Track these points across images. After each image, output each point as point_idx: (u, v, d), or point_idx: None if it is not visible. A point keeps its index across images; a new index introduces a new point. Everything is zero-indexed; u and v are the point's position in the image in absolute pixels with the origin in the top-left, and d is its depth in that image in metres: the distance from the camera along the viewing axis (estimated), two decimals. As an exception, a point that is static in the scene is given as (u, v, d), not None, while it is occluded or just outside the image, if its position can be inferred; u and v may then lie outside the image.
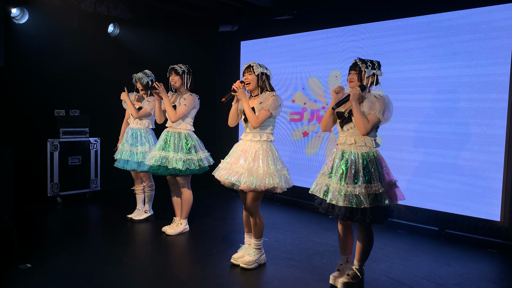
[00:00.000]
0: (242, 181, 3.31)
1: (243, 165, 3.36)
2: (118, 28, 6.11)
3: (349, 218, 2.94)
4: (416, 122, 4.78)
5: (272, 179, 3.32)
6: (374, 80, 3.02)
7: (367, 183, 2.89)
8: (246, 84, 3.46)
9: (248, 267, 3.49)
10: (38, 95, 5.62)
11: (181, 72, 4.23)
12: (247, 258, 3.52)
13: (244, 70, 3.48)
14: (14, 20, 5.28)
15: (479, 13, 4.32)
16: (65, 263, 3.54)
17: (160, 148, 4.21)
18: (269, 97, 3.39)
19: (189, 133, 4.29)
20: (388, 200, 2.91)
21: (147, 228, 4.63)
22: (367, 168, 2.93)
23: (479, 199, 4.35)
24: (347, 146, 3.01)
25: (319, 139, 5.68)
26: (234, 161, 3.44)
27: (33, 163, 5.56)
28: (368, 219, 2.90)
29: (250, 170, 3.33)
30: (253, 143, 3.44)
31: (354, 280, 3.10)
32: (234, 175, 3.37)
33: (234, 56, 6.87)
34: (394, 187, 3.02)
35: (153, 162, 4.19)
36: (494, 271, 3.78)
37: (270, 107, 3.35)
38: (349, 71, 3.05)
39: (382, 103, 2.93)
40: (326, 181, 3.03)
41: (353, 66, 3.04)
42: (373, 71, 3.00)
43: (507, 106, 4.16)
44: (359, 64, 3.00)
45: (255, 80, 3.44)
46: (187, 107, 4.16)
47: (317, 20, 5.71)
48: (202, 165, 4.25)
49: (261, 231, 3.53)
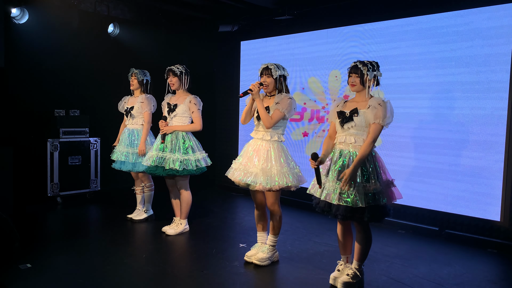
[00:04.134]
0: (257, 182, 3.36)
1: (257, 165, 3.40)
2: (118, 28, 6.11)
3: (349, 217, 2.94)
4: (416, 128, 4.79)
5: (285, 178, 3.37)
6: (375, 81, 3.02)
7: (365, 182, 2.90)
8: (265, 86, 3.47)
9: (261, 264, 3.54)
10: (38, 95, 5.62)
11: (179, 73, 4.24)
12: (260, 255, 3.56)
13: (262, 71, 3.49)
14: (14, 20, 5.28)
15: (479, 19, 4.31)
16: (65, 263, 3.54)
17: (158, 149, 4.22)
18: (285, 98, 3.41)
19: (187, 133, 4.29)
20: (386, 199, 2.92)
21: (147, 228, 4.63)
22: (365, 167, 2.93)
23: (479, 199, 4.35)
24: (346, 146, 3.01)
25: (319, 139, 5.67)
26: (247, 161, 3.47)
27: (33, 163, 5.56)
28: (366, 217, 2.90)
29: (264, 170, 3.37)
30: (264, 142, 3.47)
31: (354, 280, 3.10)
32: (248, 176, 3.41)
33: (234, 56, 6.86)
34: (391, 186, 3.03)
35: (151, 163, 4.19)
36: (494, 271, 3.78)
37: (285, 109, 3.38)
38: (350, 74, 3.03)
39: (385, 109, 2.92)
40: (323, 180, 3.03)
41: (354, 69, 3.00)
42: (374, 72, 2.99)
43: (507, 106, 4.16)
44: (360, 67, 2.98)
45: (273, 83, 3.47)
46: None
47: (317, 20, 5.71)
48: (199, 165, 4.23)
49: (279, 228, 3.61)
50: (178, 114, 4.24)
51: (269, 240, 3.62)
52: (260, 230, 3.71)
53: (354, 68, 3.01)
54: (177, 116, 4.24)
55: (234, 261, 3.68)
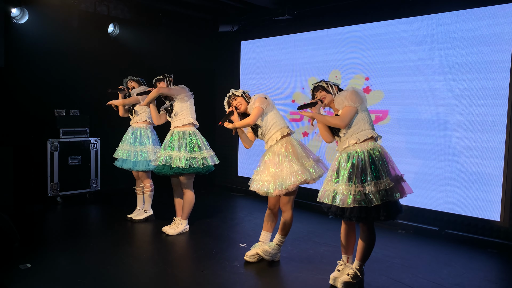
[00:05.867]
0: (272, 189, 3.40)
1: (271, 172, 3.45)
2: (118, 28, 6.11)
3: (364, 218, 2.93)
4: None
5: (298, 176, 3.38)
6: (337, 89, 3.22)
7: (376, 180, 2.89)
8: (238, 110, 3.64)
9: (265, 256, 3.59)
10: (38, 95, 5.61)
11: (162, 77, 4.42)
12: (266, 247, 3.60)
13: (228, 100, 3.69)
14: (14, 20, 5.28)
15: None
16: (65, 263, 3.54)
17: (165, 148, 4.23)
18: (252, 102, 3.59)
19: (194, 131, 4.31)
20: (398, 194, 2.92)
21: (147, 228, 4.63)
22: (374, 164, 2.92)
23: (479, 199, 4.35)
24: (351, 148, 3.01)
25: (319, 139, 5.67)
26: (262, 170, 3.53)
27: (33, 163, 5.56)
28: (383, 216, 2.90)
29: (275, 176, 3.41)
30: (274, 147, 3.52)
31: (354, 280, 3.10)
32: (264, 185, 3.46)
33: (234, 56, 6.87)
34: (401, 181, 3.02)
35: (159, 163, 4.21)
36: (494, 271, 3.78)
37: (258, 104, 3.50)
38: (315, 93, 3.25)
39: (350, 94, 3.03)
40: (333, 186, 3.01)
41: (315, 89, 3.26)
42: (332, 82, 3.23)
43: (507, 107, 4.17)
44: (324, 86, 3.21)
45: (243, 100, 3.65)
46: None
47: (317, 20, 5.71)
48: (206, 164, 4.22)
49: (288, 230, 3.62)
50: (178, 112, 4.26)
51: (277, 239, 3.64)
52: (266, 230, 3.71)
53: (315, 88, 3.26)
54: (178, 114, 4.27)
55: (234, 261, 3.68)
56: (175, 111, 4.26)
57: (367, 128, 3.01)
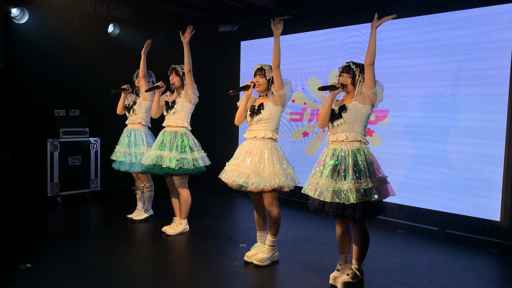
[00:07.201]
0: (249, 183, 3.36)
1: (249, 166, 3.40)
2: (118, 28, 6.11)
3: (340, 214, 2.96)
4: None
5: (278, 179, 3.36)
6: (363, 84, 3.09)
7: (357, 179, 2.91)
8: (257, 86, 3.51)
9: (262, 264, 3.53)
10: (38, 95, 5.62)
11: (181, 74, 4.25)
12: (260, 256, 3.56)
13: (256, 72, 3.53)
14: (14, 20, 5.28)
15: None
16: (65, 263, 3.54)
17: (157, 148, 4.22)
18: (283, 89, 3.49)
19: (186, 132, 4.29)
20: (377, 195, 2.92)
21: (147, 228, 4.63)
22: (357, 165, 2.96)
23: (479, 199, 4.35)
24: (338, 144, 3.04)
25: (319, 139, 5.68)
26: (240, 162, 3.47)
27: (33, 163, 5.56)
28: (358, 214, 2.91)
29: (257, 171, 3.37)
30: (257, 142, 3.46)
31: (354, 279, 3.10)
32: (241, 177, 3.41)
33: (234, 56, 6.87)
34: (384, 183, 3.04)
35: (149, 162, 4.20)
36: (494, 271, 3.78)
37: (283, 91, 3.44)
38: (341, 73, 3.10)
39: (381, 93, 3.06)
40: (317, 180, 3.06)
41: (346, 69, 3.09)
42: (363, 75, 3.08)
43: (507, 100, 4.16)
44: (353, 68, 3.07)
45: (266, 84, 3.51)
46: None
47: (317, 20, 5.71)
48: (196, 165, 4.21)
49: (278, 228, 3.60)
50: (177, 111, 4.24)
51: (268, 240, 3.62)
52: (259, 230, 3.72)
53: (346, 68, 3.09)
54: (176, 113, 4.25)
55: (234, 261, 3.68)
56: (176, 109, 4.25)
57: (359, 132, 3.04)
